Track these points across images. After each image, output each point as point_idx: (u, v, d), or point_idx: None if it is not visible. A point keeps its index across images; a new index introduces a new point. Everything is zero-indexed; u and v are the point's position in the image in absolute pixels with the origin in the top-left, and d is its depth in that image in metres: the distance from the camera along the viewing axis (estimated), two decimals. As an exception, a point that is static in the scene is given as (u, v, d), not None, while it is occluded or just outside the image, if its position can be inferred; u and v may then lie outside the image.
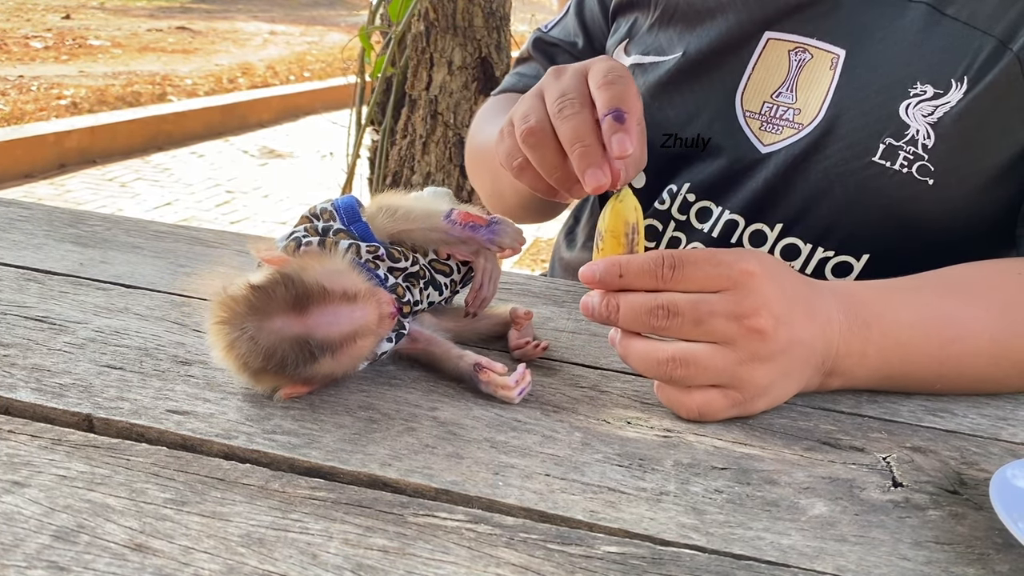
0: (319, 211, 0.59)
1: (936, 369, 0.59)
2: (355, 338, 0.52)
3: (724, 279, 0.52)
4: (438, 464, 0.48)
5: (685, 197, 0.80)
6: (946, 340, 0.59)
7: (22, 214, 0.87)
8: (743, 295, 0.52)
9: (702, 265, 0.53)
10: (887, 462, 0.52)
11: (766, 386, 0.54)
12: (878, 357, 0.57)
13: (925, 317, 0.59)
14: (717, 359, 0.52)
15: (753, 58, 0.77)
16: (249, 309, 0.50)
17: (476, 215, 0.60)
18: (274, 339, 0.50)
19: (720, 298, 0.52)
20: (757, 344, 0.52)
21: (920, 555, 0.43)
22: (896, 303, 0.59)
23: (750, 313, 0.52)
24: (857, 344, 0.56)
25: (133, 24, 9.55)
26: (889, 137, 0.70)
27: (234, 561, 0.39)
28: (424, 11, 2.16)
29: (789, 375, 0.55)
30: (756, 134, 0.76)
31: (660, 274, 0.53)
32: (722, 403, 0.54)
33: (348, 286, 0.52)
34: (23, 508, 0.42)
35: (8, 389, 0.53)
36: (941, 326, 0.59)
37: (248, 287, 0.51)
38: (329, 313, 0.51)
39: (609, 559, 0.41)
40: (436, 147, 2.24)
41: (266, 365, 0.51)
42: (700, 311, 0.52)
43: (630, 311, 0.53)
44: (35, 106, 5.05)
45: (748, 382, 0.53)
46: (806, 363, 0.55)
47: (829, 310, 0.56)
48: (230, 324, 0.51)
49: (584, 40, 0.95)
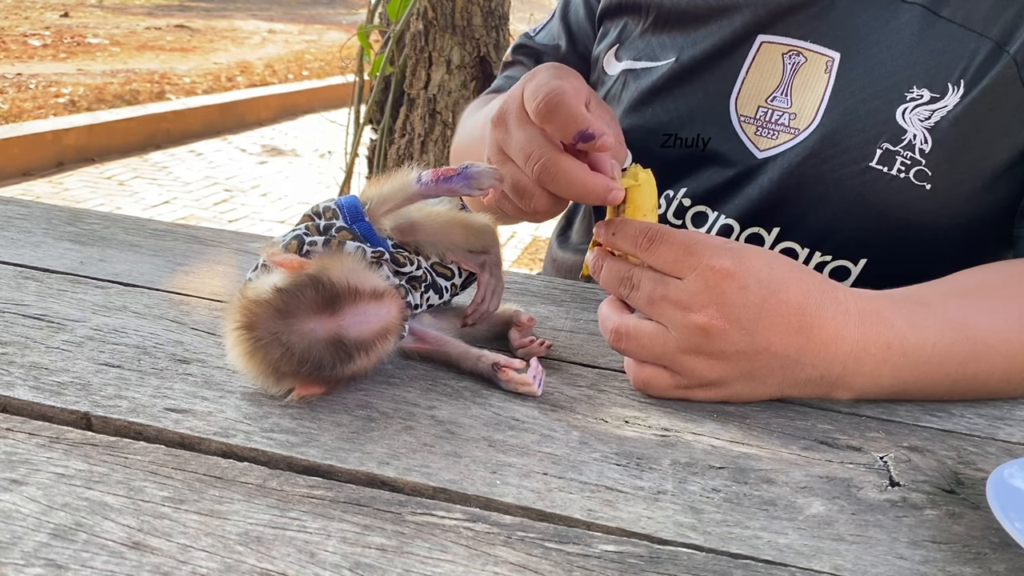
0: (321, 210, 0.59)
1: (949, 386, 0.59)
2: (386, 335, 0.53)
3: (687, 268, 0.54)
4: (436, 463, 0.48)
5: (681, 202, 0.79)
6: (964, 358, 0.58)
7: (20, 212, 0.87)
8: (699, 290, 0.53)
9: (675, 248, 0.54)
10: (884, 461, 0.52)
11: (713, 380, 0.55)
12: (892, 377, 0.56)
13: (947, 334, 0.57)
14: (657, 340, 0.55)
15: (747, 62, 0.77)
16: (276, 313, 0.49)
17: (446, 169, 0.58)
18: (308, 342, 0.50)
19: (676, 284, 0.54)
20: (699, 339, 0.53)
21: (917, 554, 0.43)
22: (922, 321, 0.57)
23: (696, 308, 0.53)
24: (870, 366, 0.55)
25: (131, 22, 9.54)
26: (886, 142, 0.70)
27: (232, 559, 0.39)
28: (423, 10, 2.16)
29: (752, 378, 0.55)
30: (752, 139, 0.76)
31: (639, 243, 0.56)
32: (666, 382, 0.56)
33: (375, 284, 0.52)
34: (21, 506, 0.42)
35: (6, 387, 0.53)
36: (961, 343, 0.58)
37: (273, 291, 0.50)
38: (360, 312, 0.51)
39: (606, 558, 0.41)
40: (434, 146, 2.24)
41: (300, 368, 0.50)
42: (655, 292, 0.55)
43: (608, 273, 0.58)
44: (33, 104, 5.05)
45: (689, 371, 0.55)
46: (783, 373, 0.55)
47: (841, 328, 0.54)
48: (255, 329, 0.50)
49: (567, 43, 0.94)
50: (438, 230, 0.60)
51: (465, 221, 0.62)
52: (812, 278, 0.56)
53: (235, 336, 0.51)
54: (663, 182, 0.80)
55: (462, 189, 0.58)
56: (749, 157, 0.76)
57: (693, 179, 0.79)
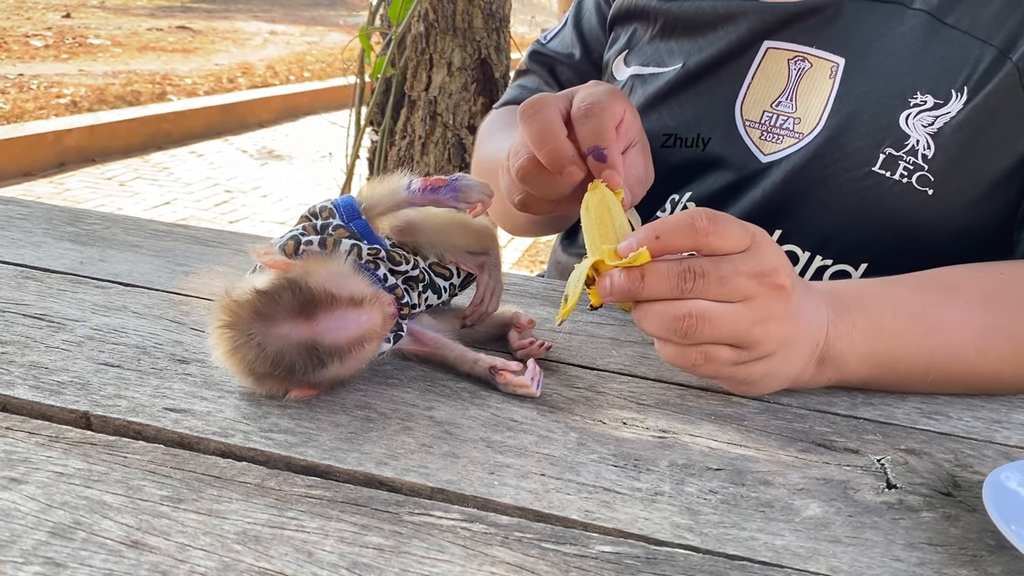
0: (318, 210, 0.59)
1: (925, 358, 0.60)
2: (362, 343, 0.53)
3: (748, 237, 0.53)
4: (434, 463, 0.48)
5: (685, 205, 0.80)
6: (928, 328, 0.60)
7: (21, 212, 0.87)
8: (763, 253, 0.53)
9: (733, 223, 0.53)
10: (881, 464, 0.52)
11: (773, 350, 0.54)
12: (864, 342, 0.58)
13: (905, 307, 0.60)
14: (733, 316, 0.53)
15: (752, 67, 0.78)
16: (255, 314, 0.50)
17: (436, 179, 0.59)
18: (281, 345, 0.50)
19: (741, 257, 0.53)
20: (775, 301, 0.53)
21: (913, 556, 0.44)
22: (874, 295, 0.61)
23: (770, 272, 0.53)
24: (844, 327, 0.58)
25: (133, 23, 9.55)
26: (889, 147, 0.70)
27: (230, 558, 0.39)
28: (424, 12, 2.16)
29: (788, 346, 0.55)
30: (756, 143, 0.77)
31: (699, 226, 0.52)
32: (728, 356, 0.54)
33: (354, 291, 0.52)
34: (20, 504, 0.42)
35: (6, 386, 0.53)
36: (922, 315, 0.60)
37: (253, 292, 0.50)
38: (336, 319, 0.51)
39: (603, 558, 0.41)
40: (435, 148, 2.25)
41: (273, 371, 0.51)
42: (723, 270, 0.52)
43: (656, 277, 0.53)
44: (35, 104, 5.05)
45: (759, 342, 0.54)
46: (807, 335, 0.56)
47: (817, 296, 0.58)
48: (234, 329, 0.50)
49: (581, 51, 0.95)
50: (437, 231, 0.61)
51: (465, 222, 0.62)
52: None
53: (217, 335, 0.51)
54: (668, 187, 0.81)
55: (449, 201, 0.59)
56: (753, 161, 0.76)
57: (698, 183, 0.79)
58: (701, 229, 0.52)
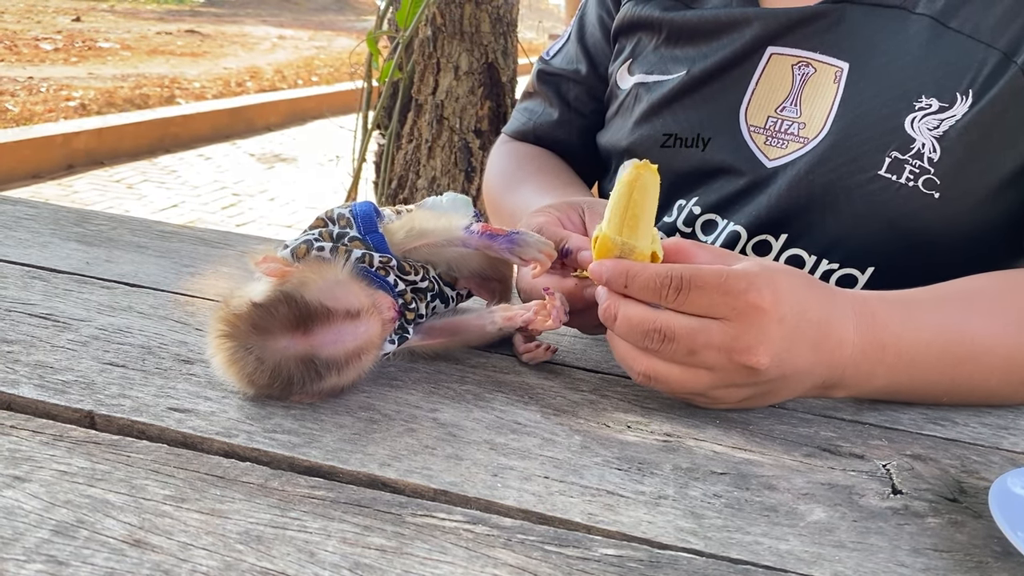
0: (336, 216, 0.59)
1: (946, 386, 0.59)
2: (360, 354, 0.53)
3: (728, 309, 0.51)
4: (437, 465, 0.48)
5: (692, 211, 0.80)
6: (960, 359, 0.58)
7: (28, 212, 0.88)
8: (743, 329, 0.51)
9: (709, 292, 0.51)
10: (887, 469, 0.52)
11: (732, 404, 0.56)
12: (886, 377, 0.57)
13: (943, 335, 0.58)
14: (690, 382, 0.53)
15: (756, 73, 0.78)
16: (252, 327, 0.50)
17: (496, 228, 0.58)
18: (279, 358, 0.50)
19: (719, 328, 0.51)
20: (743, 377, 0.53)
21: (918, 562, 0.43)
22: (916, 321, 0.58)
23: (744, 350, 0.51)
24: (867, 366, 0.56)
25: (142, 27, 9.60)
26: (895, 151, 0.70)
27: (232, 558, 0.39)
28: (431, 17, 2.17)
29: (767, 396, 0.56)
30: (761, 149, 0.76)
31: (664, 294, 0.52)
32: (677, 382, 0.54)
33: (351, 303, 0.52)
34: (23, 503, 0.42)
35: (11, 385, 0.53)
36: (957, 344, 0.58)
37: (250, 305, 0.50)
38: (333, 332, 0.51)
39: (606, 561, 0.41)
40: (442, 151, 2.25)
41: (272, 383, 0.51)
42: (696, 341, 0.51)
43: (626, 324, 0.53)
44: (44, 107, 5.08)
45: (718, 400, 0.55)
46: (794, 388, 0.55)
47: (843, 332, 0.55)
48: (232, 340, 0.51)
49: (587, 66, 0.95)
50: (458, 253, 0.60)
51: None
52: (822, 288, 0.57)
53: (216, 344, 0.52)
54: (675, 192, 0.81)
55: (504, 252, 0.58)
56: (759, 166, 0.76)
57: (704, 190, 0.79)
58: (666, 297, 0.52)
